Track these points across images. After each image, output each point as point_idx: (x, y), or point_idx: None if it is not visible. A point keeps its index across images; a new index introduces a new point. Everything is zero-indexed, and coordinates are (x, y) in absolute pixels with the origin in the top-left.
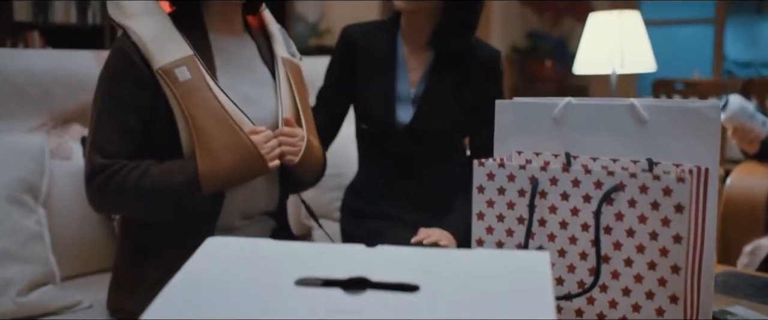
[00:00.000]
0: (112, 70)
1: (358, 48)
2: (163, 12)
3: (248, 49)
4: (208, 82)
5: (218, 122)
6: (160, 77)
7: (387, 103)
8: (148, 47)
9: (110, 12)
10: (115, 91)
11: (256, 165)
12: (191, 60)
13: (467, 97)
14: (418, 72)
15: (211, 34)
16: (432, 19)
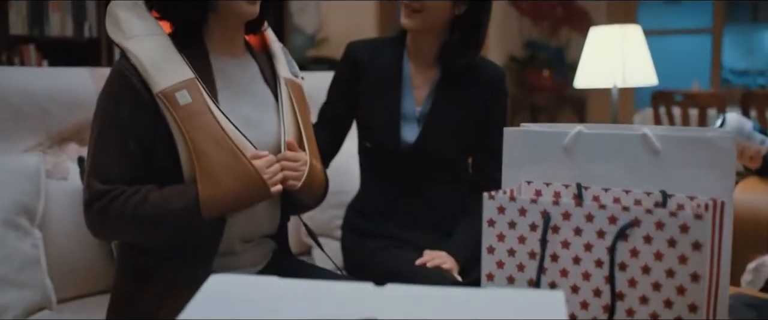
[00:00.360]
0: (111, 94)
1: (363, 65)
2: (164, 33)
3: (250, 69)
4: (209, 105)
5: (220, 147)
6: (160, 101)
7: (392, 121)
8: (147, 70)
9: (109, 32)
10: (114, 115)
11: (258, 191)
12: (192, 83)
13: (473, 117)
14: (423, 90)
15: (213, 55)
16: (439, 37)
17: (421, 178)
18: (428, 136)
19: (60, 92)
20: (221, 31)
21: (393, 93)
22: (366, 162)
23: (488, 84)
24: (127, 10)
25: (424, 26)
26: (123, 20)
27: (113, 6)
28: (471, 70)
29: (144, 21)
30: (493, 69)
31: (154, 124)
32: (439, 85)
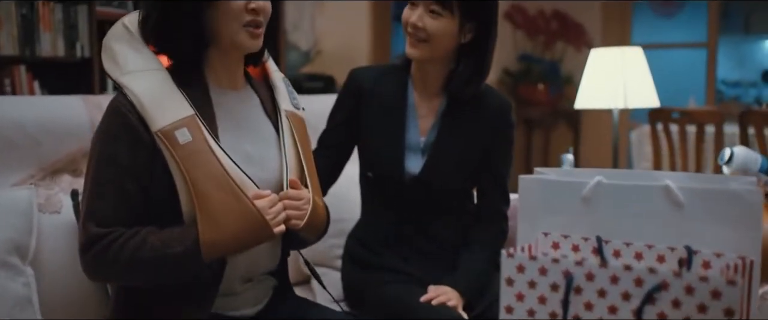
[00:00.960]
0: (107, 132)
1: (366, 93)
2: (162, 67)
3: (251, 103)
4: (209, 143)
5: (221, 187)
6: (160, 139)
7: (396, 152)
8: (145, 107)
9: (106, 67)
10: (110, 155)
11: (260, 232)
12: (192, 120)
13: (478, 147)
14: (428, 120)
15: (213, 89)
16: (445, 66)
17: (425, 210)
18: (433, 167)
19: (52, 121)
20: (222, 64)
21: (397, 123)
22: (368, 192)
23: (494, 114)
24: (123, 44)
25: (430, 56)
26: (119, 54)
27: (109, 39)
28: (477, 100)
29: (141, 55)
30: (499, 99)
31: (152, 163)
32: (445, 114)
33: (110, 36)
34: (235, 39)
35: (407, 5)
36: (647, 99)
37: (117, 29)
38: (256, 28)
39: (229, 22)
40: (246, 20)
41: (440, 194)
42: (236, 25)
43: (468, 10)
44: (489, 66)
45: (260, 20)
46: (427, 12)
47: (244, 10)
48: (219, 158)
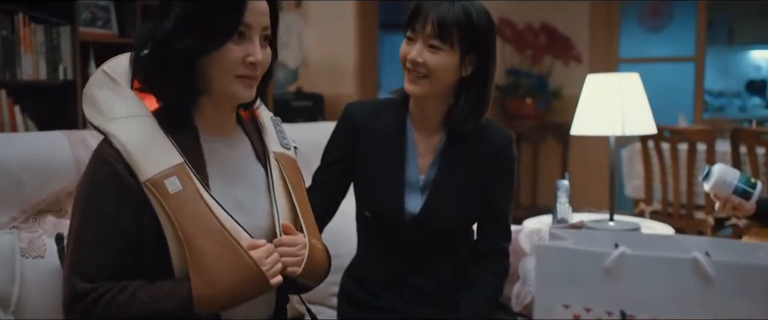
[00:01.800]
0: (92, 182)
1: (363, 129)
2: (148, 113)
3: (241, 148)
4: (200, 192)
5: (213, 238)
6: (148, 190)
7: (395, 191)
8: (132, 156)
9: (88, 116)
10: (96, 206)
11: (256, 285)
12: (182, 168)
13: (479, 184)
14: (428, 157)
15: (202, 136)
16: (445, 101)
17: (424, 250)
18: (433, 206)
19: (35, 159)
20: (213, 111)
21: (396, 160)
22: (364, 230)
23: (496, 149)
24: (106, 90)
25: (431, 92)
26: (102, 101)
27: (90, 87)
28: (477, 135)
29: (125, 101)
30: (501, 133)
31: (140, 213)
32: (445, 151)
33: (91, 84)
34: (227, 90)
35: (404, 40)
36: (644, 126)
37: (98, 76)
38: (251, 80)
39: (223, 73)
40: (241, 73)
41: (440, 233)
42: (229, 77)
43: (469, 42)
44: (489, 98)
45: (256, 74)
46: (426, 47)
47: (240, 62)
48: (211, 207)
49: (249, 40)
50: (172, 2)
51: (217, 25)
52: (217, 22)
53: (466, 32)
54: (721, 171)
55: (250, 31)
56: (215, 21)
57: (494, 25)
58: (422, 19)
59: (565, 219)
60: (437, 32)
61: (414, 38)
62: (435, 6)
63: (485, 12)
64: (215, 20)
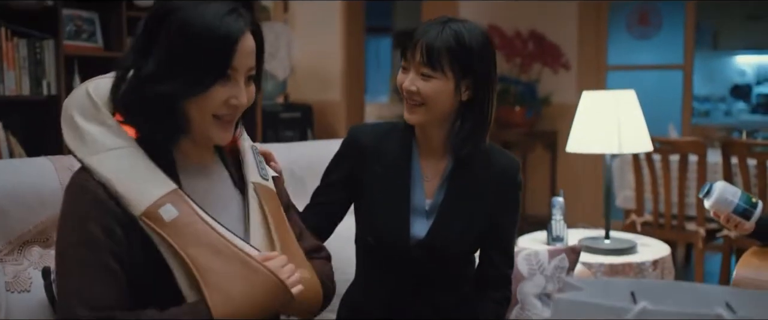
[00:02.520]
0: (75, 213)
1: (369, 153)
2: (133, 142)
3: (219, 177)
4: (199, 213)
5: (223, 256)
6: (144, 224)
7: (401, 216)
8: (119, 192)
9: (70, 145)
10: (85, 235)
11: (277, 295)
12: (176, 194)
13: (486, 209)
14: (434, 182)
15: (179, 166)
16: (445, 127)
17: (427, 276)
18: (440, 232)
19: (19, 187)
20: (191, 145)
21: (402, 185)
22: (365, 255)
23: (502, 175)
24: (89, 120)
25: (429, 119)
26: (85, 132)
27: (71, 109)
28: (485, 160)
29: (110, 131)
30: (507, 159)
31: (127, 239)
32: (451, 176)
33: (73, 105)
34: (205, 131)
35: (400, 69)
36: (640, 143)
37: (81, 99)
38: (229, 123)
39: (204, 113)
40: (221, 113)
41: (445, 258)
42: (209, 118)
43: (462, 66)
44: (489, 121)
45: (236, 115)
46: (418, 75)
47: (222, 104)
48: (213, 227)
49: (234, 81)
50: (157, 38)
51: (205, 68)
52: (204, 65)
53: (457, 57)
54: (722, 190)
55: (237, 73)
56: (203, 64)
57: (491, 46)
58: (413, 47)
59: (560, 236)
60: (427, 60)
61: (407, 67)
62: (425, 32)
63: (480, 33)
64: (203, 63)
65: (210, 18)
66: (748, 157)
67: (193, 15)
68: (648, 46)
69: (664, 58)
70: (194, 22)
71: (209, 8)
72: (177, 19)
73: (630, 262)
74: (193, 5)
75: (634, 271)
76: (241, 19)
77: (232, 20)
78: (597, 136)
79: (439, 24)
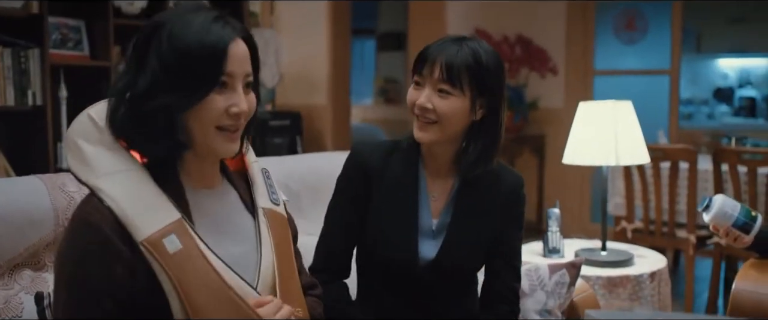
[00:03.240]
0: (76, 248)
1: (374, 174)
2: (139, 165)
3: (228, 199)
4: (201, 249)
5: (219, 299)
6: (146, 250)
7: (409, 235)
8: (128, 215)
9: (74, 169)
10: (83, 276)
11: None
12: (180, 225)
13: (493, 226)
14: (441, 201)
15: (187, 188)
16: (454, 146)
17: (435, 295)
18: (449, 251)
19: (9, 208)
20: (197, 164)
21: (409, 205)
22: (369, 275)
23: (507, 192)
24: (93, 143)
25: (440, 138)
26: (90, 155)
27: (75, 135)
28: (491, 178)
29: (115, 154)
30: (512, 176)
31: (132, 277)
32: (458, 195)
33: (76, 132)
34: (209, 143)
35: (412, 85)
36: (638, 155)
37: (83, 124)
38: (234, 132)
39: (205, 125)
40: (224, 123)
41: (453, 277)
42: (212, 130)
43: (480, 85)
44: (500, 141)
45: (240, 124)
46: (435, 92)
47: (223, 113)
48: (213, 265)
49: (232, 88)
50: (147, 55)
51: (199, 77)
52: (198, 74)
53: (475, 75)
54: (721, 204)
55: (233, 80)
56: (196, 73)
57: (504, 66)
58: (430, 64)
59: (557, 248)
60: (446, 76)
61: (422, 83)
62: (443, 50)
63: (494, 53)
64: (196, 72)
65: (197, 27)
66: (738, 165)
67: (181, 27)
68: (634, 50)
69: (650, 62)
70: (182, 33)
71: (196, 19)
72: (165, 33)
73: (627, 275)
74: (180, 18)
75: (632, 284)
76: (228, 25)
77: (220, 27)
78: (594, 147)
79: (455, 42)
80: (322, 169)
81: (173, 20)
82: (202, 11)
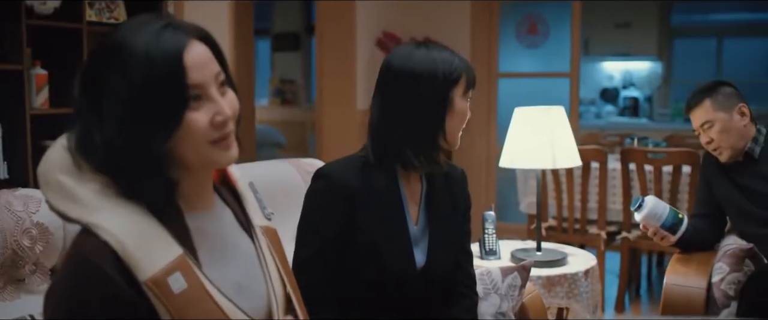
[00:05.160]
0: (74, 290)
1: (358, 194)
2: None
3: (225, 220)
4: (207, 288)
5: None
6: (150, 290)
7: (405, 248)
8: (129, 252)
9: (61, 209)
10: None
11: None
12: (183, 261)
13: (456, 222)
14: (416, 207)
15: (187, 213)
16: None
17: (428, 300)
18: (434, 255)
19: None
20: (193, 185)
21: (399, 217)
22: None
23: (458, 186)
24: (77, 178)
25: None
26: (77, 191)
27: (51, 172)
28: (445, 175)
29: (102, 186)
30: (457, 170)
31: (136, 314)
32: (427, 198)
33: (54, 167)
34: (206, 160)
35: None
36: (572, 158)
37: (58, 158)
38: (228, 140)
39: (196, 146)
40: (215, 137)
41: (442, 280)
42: (206, 147)
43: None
44: (419, 133)
45: (229, 129)
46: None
47: (209, 127)
48: (219, 304)
49: (207, 98)
50: (101, 101)
51: (165, 101)
52: (163, 99)
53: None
54: (653, 206)
55: (205, 89)
56: (160, 98)
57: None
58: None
59: (494, 250)
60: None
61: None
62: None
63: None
64: (160, 97)
65: (144, 46)
66: (645, 164)
67: (131, 47)
68: (536, 54)
69: (550, 65)
70: (131, 61)
71: (142, 33)
72: (115, 64)
73: (565, 273)
74: (130, 35)
75: (569, 282)
76: (179, 31)
77: (168, 36)
78: (531, 151)
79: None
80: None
81: (124, 39)
82: (148, 27)
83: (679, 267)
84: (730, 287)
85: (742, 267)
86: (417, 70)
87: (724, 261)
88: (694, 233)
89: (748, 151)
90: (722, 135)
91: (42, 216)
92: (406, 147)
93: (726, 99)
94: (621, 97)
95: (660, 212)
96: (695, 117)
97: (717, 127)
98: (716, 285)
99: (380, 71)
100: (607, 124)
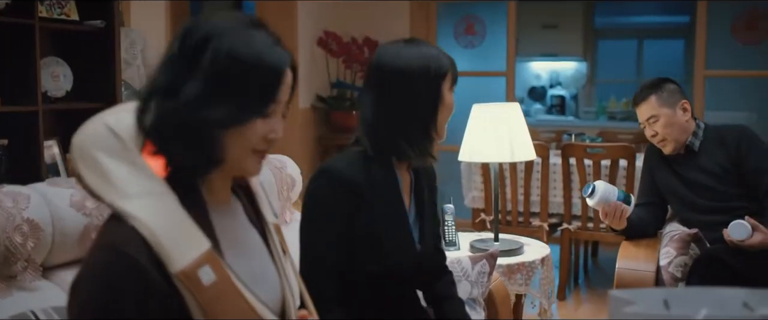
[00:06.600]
0: (106, 279)
1: (364, 189)
2: (168, 188)
3: (239, 213)
4: (235, 282)
5: None
6: (181, 283)
7: (406, 235)
8: (162, 244)
9: (93, 185)
10: (114, 310)
11: None
12: (211, 255)
13: (435, 203)
14: (408, 197)
15: (210, 208)
16: None
17: (422, 283)
18: (426, 239)
19: None
20: (221, 181)
21: (400, 207)
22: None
23: (431, 177)
24: (115, 158)
25: None
26: (114, 173)
27: (91, 147)
28: (421, 168)
29: (142, 173)
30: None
31: (166, 311)
32: (415, 188)
33: (93, 143)
34: (242, 164)
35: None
36: (528, 152)
37: (101, 135)
38: (264, 154)
39: (243, 147)
40: (259, 147)
41: (430, 263)
42: (247, 152)
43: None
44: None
45: (270, 148)
46: None
47: (261, 138)
48: (247, 300)
49: (274, 115)
50: (200, 63)
51: (251, 98)
52: (251, 96)
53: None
54: (604, 189)
55: (277, 107)
56: (249, 94)
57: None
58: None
59: (453, 241)
60: None
61: None
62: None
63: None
64: (249, 93)
65: (260, 47)
66: (585, 158)
67: (242, 42)
68: (473, 54)
69: (486, 64)
70: (243, 49)
71: (256, 37)
72: (223, 44)
73: (523, 262)
74: (237, 32)
75: (527, 270)
76: (285, 52)
77: (280, 51)
78: (489, 145)
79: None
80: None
81: (231, 32)
82: (261, 30)
83: (628, 252)
84: (678, 269)
85: (687, 251)
86: (410, 66)
87: (671, 245)
88: (638, 221)
89: (689, 144)
90: (666, 129)
91: (32, 212)
92: (402, 140)
93: (670, 95)
94: (548, 96)
95: (610, 192)
96: (641, 111)
97: (662, 121)
98: (664, 267)
99: (369, 69)
100: (536, 122)
